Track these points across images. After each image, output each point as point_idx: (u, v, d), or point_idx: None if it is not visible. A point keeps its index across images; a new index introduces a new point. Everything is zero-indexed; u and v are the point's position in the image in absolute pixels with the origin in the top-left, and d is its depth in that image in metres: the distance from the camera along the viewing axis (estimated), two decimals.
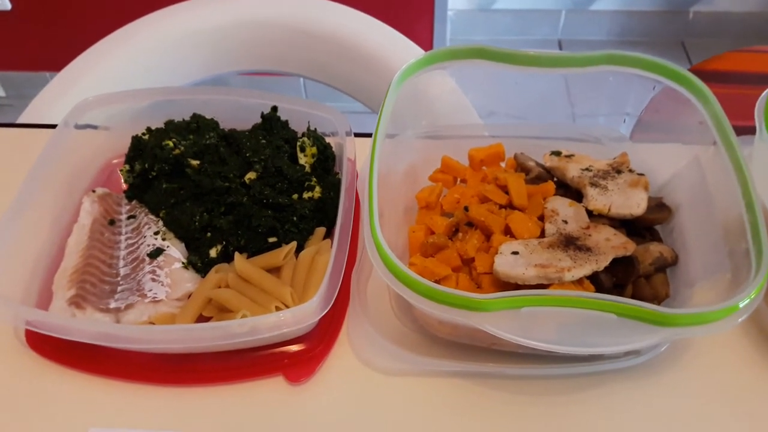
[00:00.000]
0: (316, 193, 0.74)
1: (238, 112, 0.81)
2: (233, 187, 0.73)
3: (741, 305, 0.54)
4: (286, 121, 0.80)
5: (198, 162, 0.74)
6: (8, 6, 2.20)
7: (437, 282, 0.62)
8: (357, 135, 0.78)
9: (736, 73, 1.17)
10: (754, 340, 0.68)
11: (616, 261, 0.64)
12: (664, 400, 0.65)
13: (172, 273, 0.70)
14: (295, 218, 0.72)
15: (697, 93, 0.69)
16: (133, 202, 0.78)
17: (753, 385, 0.66)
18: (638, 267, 0.65)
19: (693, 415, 0.64)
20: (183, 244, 0.74)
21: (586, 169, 0.74)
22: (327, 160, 0.78)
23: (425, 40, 2.27)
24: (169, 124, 0.79)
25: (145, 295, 0.68)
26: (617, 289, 0.65)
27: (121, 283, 0.70)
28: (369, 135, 0.81)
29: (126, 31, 1.13)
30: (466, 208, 0.69)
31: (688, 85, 0.70)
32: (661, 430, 0.63)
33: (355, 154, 0.76)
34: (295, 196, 0.74)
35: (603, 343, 0.55)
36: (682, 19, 2.64)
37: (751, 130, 0.69)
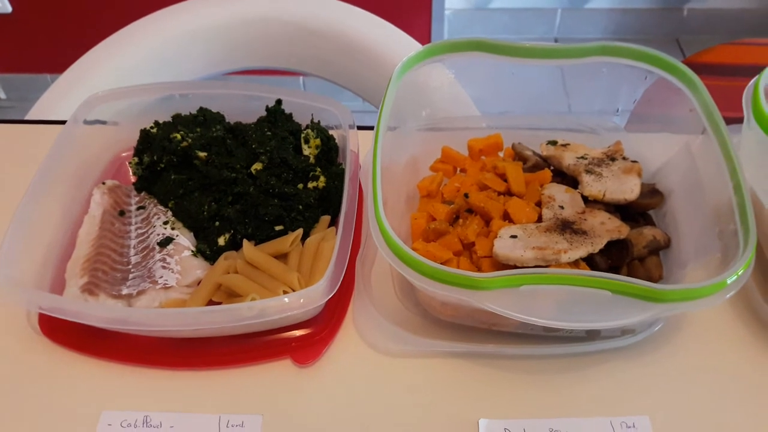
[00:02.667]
0: (321, 182, 0.76)
1: (243, 105, 0.84)
2: (240, 178, 0.75)
3: (729, 281, 0.56)
4: (290, 114, 0.83)
5: (205, 154, 0.76)
6: (9, 9, 2.22)
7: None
8: (358, 128, 0.80)
9: (726, 65, 1.19)
10: (744, 318, 0.71)
11: (611, 244, 0.66)
12: (659, 377, 0.67)
13: (182, 261, 0.72)
14: (300, 207, 0.74)
15: (687, 82, 0.72)
16: (142, 194, 0.80)
17: (744, 362, 0.68)
18: (632, 249, 0.68)
19: (687, 391, 0.66)
20: (192, 233, 0.76)
21: (582, 157, 0.76)
22: (330, 152, 0.80)
23: (423, 39, 2.28)
24: (177, 117, 0.82)
25: (156, 282, 0.70)
26: (612, 271, 0.67)
27: (132, 270, 0.72)
28: (368, 128, 0.83)
29: (131, 30, 1.15)
30: (466, 195, 0.71)
31: (678, 75, 0.72)
32: (656, 406, 0.65)
33: (358, 145, 0.78)
34: (300, 185, 0.76)
35: (598, 319, 0.57)
36: (676, 16, 2.66)
37: (740, 121, 0.72)
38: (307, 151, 0.79)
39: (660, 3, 2.63)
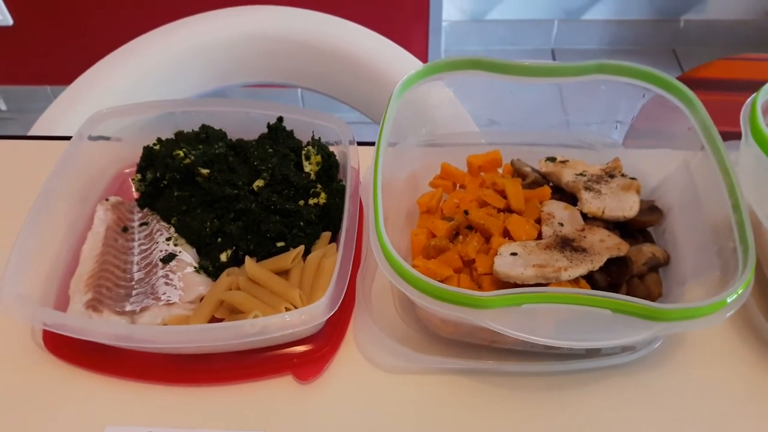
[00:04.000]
0: (322, 199, 0.77)
1: (244, 122, 0.84)
2: (242, 195, 0.76)
3: (729, 300, 0.56)
4: (291, 131, 0.83)
5: (208, 171, 0.77)
6: (10, 21, 2.23)
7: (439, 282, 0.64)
8: (358, 143, 0.81)
9: (724, 80, 1.20)
10: (744, 336, 0.71)
11: (610, 261, 0.67)
12: (659, 394, 0.67)
13: (184, 277, 0.73)
14: (301, 223, 0.75)
15: (685, 100, 0.73)
16: (145, 210, 0.81)
17: (743, 379, 0.68)
18: (632, 267, 0.68)
19: (687, 408, 0.66)
20: (194, 250, 0.76)
21: (581, 174, 0.77)
22: (331, 168, 0.81)
23: (420, 51, 2.30)
24: (179, 134, 0.82)
25: (159, 298, 0.71)
26: (612, 289, 0.68)
27: (135, 287, 0.73)
28: (369, 144, 0.84)
29: (132, 46, 1.16)
30: (466, 212, 0.71)
31: (676, 93, 0.73)
32: (656, 422, 0.65)
33: (358, 162, 0.79)
34: (302, 202, 0.76)
35: (599, 337, 0.58)
36: (673, 28, 2.67)
37: (739, 136, 0.72)
38: (308, 167, 0.79)
39: (656, 14, 2.64)
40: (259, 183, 0.76)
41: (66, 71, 1.30)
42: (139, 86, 1.15)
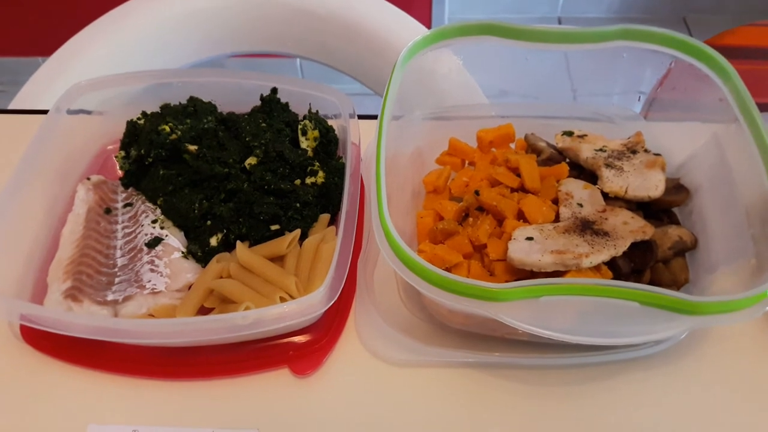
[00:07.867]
0: (320, 178, 0.72)
1: (236, 94, 0.79)
2: (233, 173, 0.71)
3: None
4: (287, 104, 0.78)
5: (196, 147, 0.72)
6: None
7: (448, 270, 0.59)
8: (359, 117, 0.75)
9: (751, 48, 1.13)
10: None
11: (633, 245, 0.62)
12: (682, 389, 0.63)
13: (171, 263, 0.68)
14: (298, 204, 0.70)
15: (717, 69, 0.67)
16: (130, 190, 0.76)
17: None
18: (657, 251, 0.63)
19: (711, 404, 0.62)
20: (182, 233, 0.72)
21: (600, 149, 0.71)
22: (329, 144, 0.76)
23: (423, 19, 2.23)
24: (165, 108, 0.77)
25: (144, 286, 0.66)
26: (635, 275, 0.63)
27: (118, 274, 0.68)
28: (370, 117, 0.78)
29: (118, 12, 1.10)
30: (477, 192, 0.66)
31: (708, 61, 0.67)
32: (679, 419, 0.61)
33: (359, 137, 0.73)
34: (298, 181, 0.71)
35: (625, 332, 0.53)
36: None
37: (763, 107, 0.66)
38: (304, 144, 0.74)
39: None
40: (251, 161, 0.71)
41: (59, 42, 1.24)
42: (124, 56, 1.08)
